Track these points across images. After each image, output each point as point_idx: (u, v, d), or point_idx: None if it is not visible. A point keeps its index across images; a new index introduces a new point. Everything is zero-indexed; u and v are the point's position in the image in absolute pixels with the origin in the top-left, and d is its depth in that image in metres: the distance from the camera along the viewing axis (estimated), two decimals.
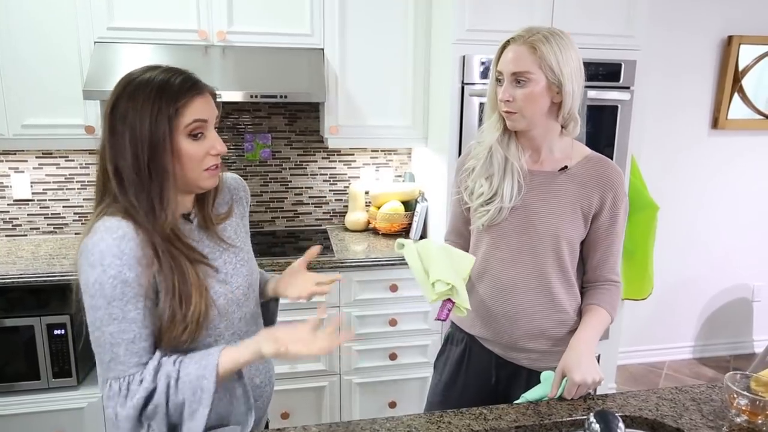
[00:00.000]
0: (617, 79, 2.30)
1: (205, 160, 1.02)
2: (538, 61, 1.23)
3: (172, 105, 0.97)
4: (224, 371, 0.99)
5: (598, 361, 1.30)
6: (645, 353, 3.34)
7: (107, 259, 0.93)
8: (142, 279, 0.95)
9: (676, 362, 3.30)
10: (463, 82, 2.19)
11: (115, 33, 2.21)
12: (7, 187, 2.53)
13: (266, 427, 1.28)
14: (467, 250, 1.47)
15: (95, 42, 2.20)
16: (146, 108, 0.96)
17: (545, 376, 1.30)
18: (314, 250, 1.27)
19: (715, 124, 3.11)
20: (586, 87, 2.19)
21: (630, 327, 3.23)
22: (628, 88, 2.31)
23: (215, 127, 1.05)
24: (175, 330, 0.98)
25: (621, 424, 0.97)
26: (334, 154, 2.80)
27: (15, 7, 2.14)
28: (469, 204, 1.41)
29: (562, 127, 1.34)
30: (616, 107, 2.32)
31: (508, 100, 1.27)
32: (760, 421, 1.13)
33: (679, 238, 3.24)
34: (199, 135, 1.01)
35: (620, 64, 2.28)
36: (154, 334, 1.00)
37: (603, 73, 2.28)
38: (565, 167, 1.34)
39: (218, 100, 1.07)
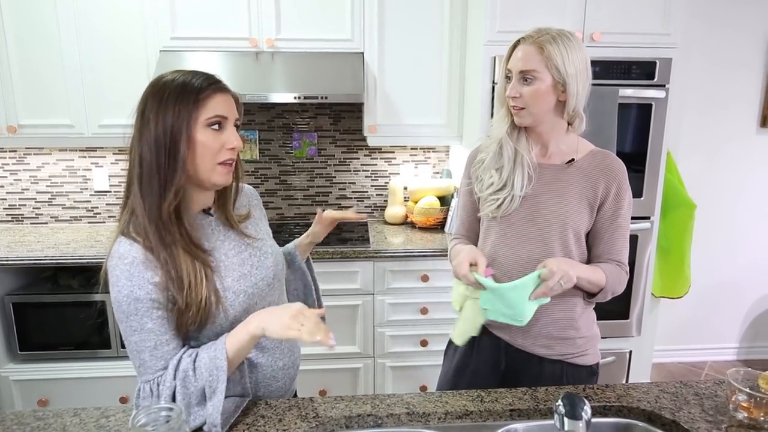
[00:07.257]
0: (652, 77, 2.29)
1: (220, 154, 1.08)
2: (545, 61, 1.31)
3: (193, 98, 1.05)
4: (232, 353, 1.08)
5: (629, 358, 1.25)
6: (685, 352, 3.27)
7: (121, 281, 1.05)
8: (153, 294, 1.05)
9: (718, 363, 3.21)
10: (493, 83, 2.25)
11: (178, 42, 2.46)
12: (89, 179, 2.86)
13: (295, 395, 1.44)
14: (475, 244, 1.54)
15: (160, 51, 2.45)
16: (170, 101, 1.05)
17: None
18: (350, 214, 1.58)
19: (764, 122, 2.99)
20: (620, 86, 2.24)
21: (669, 326, 3.18)
22: (663, 86, 2.30)
23: (235, 126, 1.12)
24: (183, 316, 1.08)
25: (587, 408, 0.99)
26: (375, 152, 2.94)
27: (91, 19, 2.41)
28: (479, 194, 1.49)
29: (569, 123, 1.41)
30: (650, 105, 2.31)
31: (515, 96, 1.35)
32: (761, 418, 1.12)
33: (722, 238, 3.14)
34: (217, 127, 1.07)
35: (655, 62, 2.27)
36: (178, 337, 1.10)
37: (637, 71, 2.27)
38: (572, 160, 1.41)
39: (267, 101, 1.17)
